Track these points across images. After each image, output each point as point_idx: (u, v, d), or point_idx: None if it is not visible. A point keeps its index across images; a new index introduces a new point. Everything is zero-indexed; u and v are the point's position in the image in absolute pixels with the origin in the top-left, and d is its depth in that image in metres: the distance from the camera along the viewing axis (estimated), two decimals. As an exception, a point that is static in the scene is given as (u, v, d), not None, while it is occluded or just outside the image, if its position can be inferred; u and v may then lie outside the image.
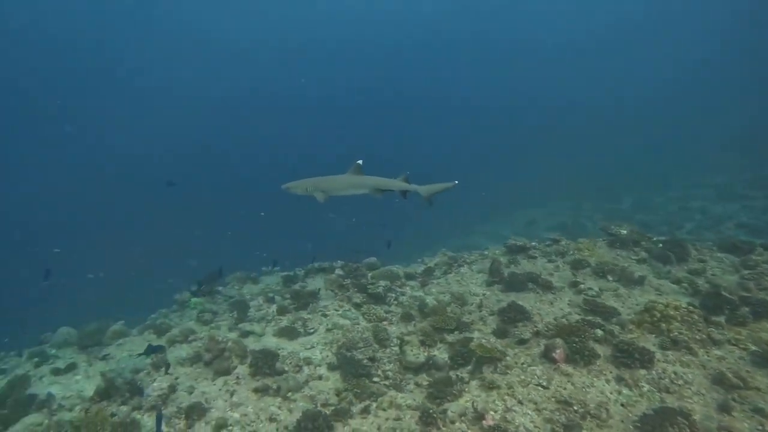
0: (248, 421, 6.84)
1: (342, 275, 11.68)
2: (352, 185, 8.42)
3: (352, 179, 8.40)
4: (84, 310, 14.23)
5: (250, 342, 9.06)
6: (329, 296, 10.83)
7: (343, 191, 8.45)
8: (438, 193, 8.82)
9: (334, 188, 8.37)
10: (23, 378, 8.96)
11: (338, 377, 7.87)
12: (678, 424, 5.65)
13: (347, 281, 11.03)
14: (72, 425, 7.07)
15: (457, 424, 6.43)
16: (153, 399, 7.63)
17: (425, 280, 11.33)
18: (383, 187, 8.48)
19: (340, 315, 9.78)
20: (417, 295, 10.34)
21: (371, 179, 8.44)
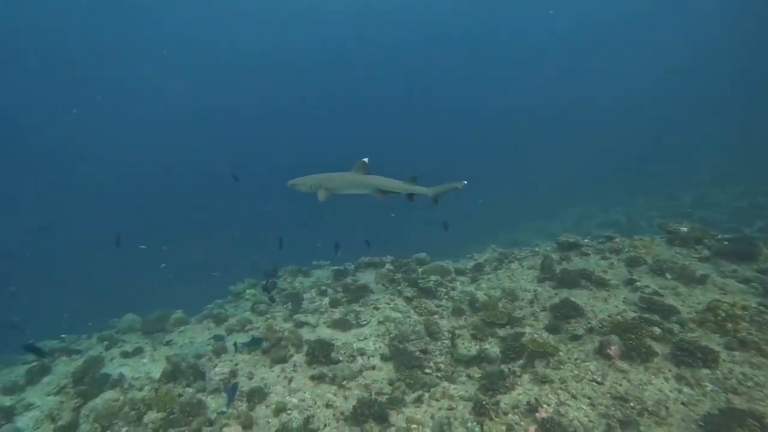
0: (306, 406, 7.13)
1: (392, 270, 11.87)
2: (356, 184, 8.10)
3: (356, 178, 8.06)
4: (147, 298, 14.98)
5: (305, 332, 9.39)
6: (380, 290, 11.05)
7: (346, 190, 8.16)
8: (445, 193, 8.42)
9: (337, 186, 8.09)
10: (97, 359, 9.66)
11: (391, 368, 8.05)
12: (748, 426, 5.49)
13: (398, 275, 11.21)
14: (144, 403, 7.62)
15: (510, 415, 6.49)
16: (215, 383, 8.08)
17: (475, 275, 11.35)
18: (386, 188, 8.08)
19: (391, 308, 9.98)
20: (467, 290, 10.38)
21: (375, 179, 8.07)
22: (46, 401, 8.75)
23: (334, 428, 6.70)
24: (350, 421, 6.73)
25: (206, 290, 14.35)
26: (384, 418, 6.62)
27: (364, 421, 6.59)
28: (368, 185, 8.02)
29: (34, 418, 8.15)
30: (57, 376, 9.75)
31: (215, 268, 19.55)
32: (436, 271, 11.18)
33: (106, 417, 7.37)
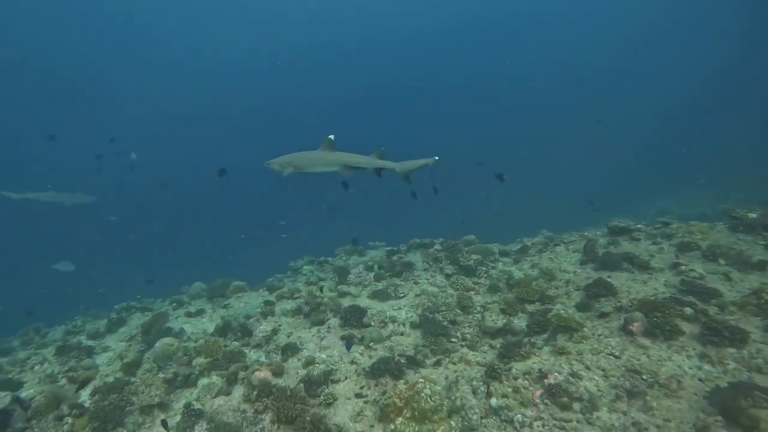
0: (332, 362, 7.79)
1: (439, 249, 12.25)
2: (324, 162, 8.12)
3: (324, 155, 8.09)
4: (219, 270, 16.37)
5: (345, 301, 10.07)
6: (424, 267, 11.49)
7: (315, 167, 8.20)
8: (415, 170, 8.27)
9: (306, 164, 8.18)
10: (163, 314, 11.10)
11: (419, 335, 8.51)
12: (754, 398, 5.37)
13: (442, 254, 11.58)
14: (195, 350, 8.71)
15: (519, 380, 6.72)
16: (258, 339, 8.98)
17: (519, 257, 11.43)
18: (354, 164, 8.06)
19: (430, 283, 10.40)
20: (507, 270, 10.52)
21: (343, 155, 8.07)
22: (119, 345, 10.25)
23: (353, 380, 7.30)
24: (369, 375, 7.29)
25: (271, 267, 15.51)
26: (400, 375, 7.11)
27: (380, 375, 7.13)
28: (336, 162, 8.05)
29: (108, 357, 9.60)
30: (130, 327, 11.36)
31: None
32: (479, 251, 11.40)
33: (162, 358, 8.53)
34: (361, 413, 6.52)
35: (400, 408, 6.22)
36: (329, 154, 7.99)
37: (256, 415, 6.62)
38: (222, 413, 6.65)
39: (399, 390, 6.42)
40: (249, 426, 6.45)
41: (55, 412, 7.46)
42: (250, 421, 6.53)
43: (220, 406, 6.79)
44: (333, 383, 7.26)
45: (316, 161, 8.08)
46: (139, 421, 7.09)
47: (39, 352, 10.71)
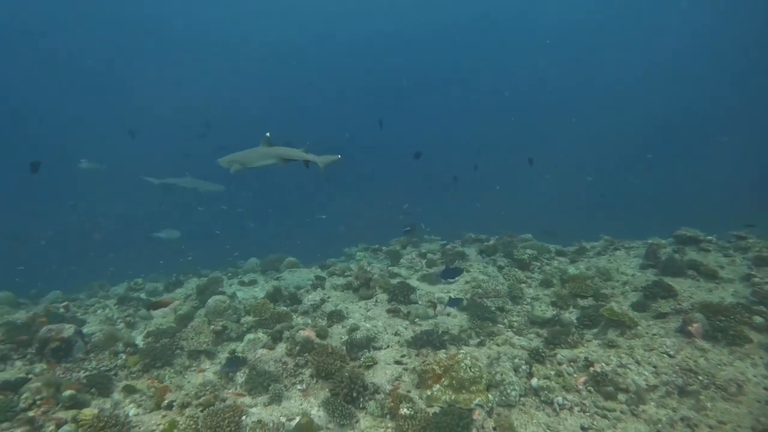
0: (376, 331, 7.87)
1: (494, 244, 12.10)
2: (263, 156, 8.70)
3: (263, 150, 8.69)
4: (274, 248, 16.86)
5: (395, 281, 10.15)
6: (477, 259, 11.38)
7: (257, 162, 8.77)
8: (329, 164, 8.82)
9: (249, 160, 8.78)
10: (218, 279, 11.67)
11: (465, 318, 8.44)
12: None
13: (499, 247, 11.45)
14: (244, 309, 9.07)
15: (564, 366, 6.53)
16: (306, 306, 9.22)
17: (575, 257, 11.08)
18: (288, 156, 8.66)
19: (481, 272, 10.29)
20: (562, 267, 10.24)
21: (278, 149, 8.68)
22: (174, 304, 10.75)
23: (395, 349, 7.35)
24: (411, 345, 7.33)
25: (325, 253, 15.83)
26: (441, 348, 7.09)
27: (422, 346, 7.14)
28: (273, 155, 8.63)
29: (162, 311, 10.08)
30: (186, 289, 11.94)
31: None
32: (534, 247, 11.16)
33: (213, 313, 8.94)
34: (399, 378, 6.55)
35: (438, 375, 6.21)
36: (267, 149, 8.61)
37: (297, 368, 6.81)
38: (264, 362, 6.89)
39: (439, 358, 6.41)
40: (289, 377, 6.65)
41: (111, 348, 8.00)
42: (291, 372, 6.72)
43: (263, 355, 7.04)
44: (374, 349, 7.34)
45: (256, 157, 8.71)
46: (186, 364, 7.46)
47: (102, 301, 11.52)
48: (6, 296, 11.92)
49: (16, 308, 11.44)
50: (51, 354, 7.75)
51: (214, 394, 6.34)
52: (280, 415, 5.90)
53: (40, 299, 12.72)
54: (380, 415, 5.77)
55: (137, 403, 6.56)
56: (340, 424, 5.63)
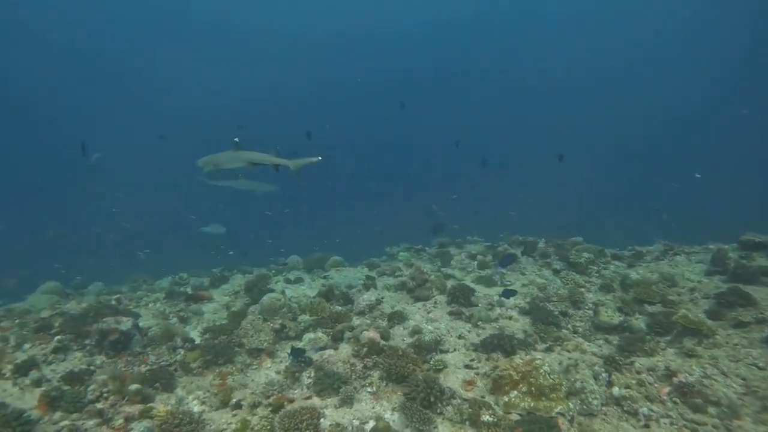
0: (440, 334, 7.68)
1: (544, 247, 11.81)
2: (233, 159, 8.89)
3: (233, 154, 8.88)
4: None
5: (450, 282, 9.94)
6: (529, 261, 11.11)
7: (228, 164, 8.98)
8: (305, 167, 9.03)
9: (221, 162, 9.00)
10: (266, 276, 11.60)
11: (528, 321, 8.20)
12: None
13: (550, 250, 11.16)
14: (299, 308, 8.95)
15: (643, 375, 6.27)
16: (362, 306, 9.06)
17: (633, 262, 10.73)
18: (256, 161, 8.85)
19: (537, 275, 10.03)
20: (622, 272, 9.92)
21: (247, 153, 8.85)
22: (223, 299, 10.70)
23: (462, 353, 7.15)
24: (479, 349, 7.11)
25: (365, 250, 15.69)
26: (510, 353, 6.87)
27: (492, 350, 6.92)
28: (242, 159, 8.82)
29: (213, 308, 10.05)
30: (232, 285, 11.90)
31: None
32: (590, 251, 10.84)
33: (268, 311, 8.81)
34: (471, 382, 6.35)
35: (515, 381, 6.00)
36: (237, 153, 8.85)
37: (365, 370, 6.65)
38: (332, 363, 6.74)
39: (515, 363, 6.19)
40: (358, 379, 6.49)
41: (169, 343, 7.94)
42: (359, 374, 6.56)
43: (330, 356, 6.89)
44: (441, 353, 7.15)
45: (227, 160, 8.96)
46: (247, 362, 7.35)
47: (150, 294, 11.52)
48: (54, 286, 12.00)
49: (65, 298, 11.50)
50: (110, 346, 7.74)
51: (283, 394, 6.22)
52: (353, 419, 5.75)
53: (83, 290, 12.82)
54: (459, 421, 5.57)
55: (201, 400, 6.48)
56: (417, 429, 5.45)
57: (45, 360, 7.49)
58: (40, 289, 11.81)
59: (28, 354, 7.63)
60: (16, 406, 6.13)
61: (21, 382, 6.82)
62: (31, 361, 7.25)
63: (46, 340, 8.00)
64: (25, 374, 6.96)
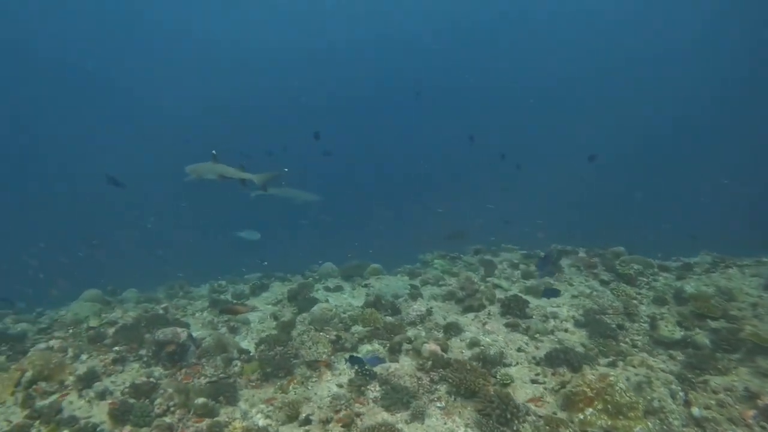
0: (498, 347, 7.58)
1: (585, 257, 11.65)
2: (208, 171, 9.34)
3: (210, 166, 9.34)
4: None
5: (498, 292, 9.83)
6: (573, 272, 10.96)
7: (206, 175, 9.41)
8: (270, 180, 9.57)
9: (201, 173, 9.43)
10: (308, 284, 11.54)
11: (584, 334, 8.08)
12: None
13: (595, 260, 11.01)
14: (350, 318, 8.89)
15: (720, 395, 6.14)
16: (413, 317, 8.98)
17: (682, 273, 10.53)
18: (225, 174, 9.28)
19: (586, 286, 9.88)
20: (673, 284, 9.74)
21: (219, 167, 9.30)
22: (266, 307, 10.63)
23: (525, 366, 7.05)
24: (543, 362, 7.00)
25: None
26: (577, 368, 6.75)
27: (558, 365, 6.81)
28: (214, 172, 9.28)
29: (258, 317, 9.98)
30: (273, 293, 11.80)
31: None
32: (638, 261, 10.67)
33: (319, 321, 8.76)
34: (542, 398, 6.25)
35: (590, 398, 5.87)
36: (213, 166, 9.33)
37: (432, 384, 6.57)
38: (399, 377, 6.66)
39: (588, 380, 6.06)
40: (426, 393, 6.41)
41: (224, 354, 7.90)
42: (426, 388, 6.48)
43: (396, 370, 6.81)
44: (504, 366, 7.05)
45: (204, 171, 9.43)
46: (307, 374, 7.28)
47: (192, 302, 11.51)
48: (95, 294, 12.03)
49: (107, 306, 11.53)
50: (167, 358, 7.72)
51: (351, 410, 6.15)
52: (427, 435, 5.67)
53: (118, 297, 12.87)
54: (538, 440, 5.47)
55: (265, 414, 6.41)
56: (495, 447, 5.36)
57: (105, 371, 7.49)
58: (82, 297, 11.85)
59: (87, 365, 7.65)
60: (89, 420, 6.15)
61: (86, 394, 6.83)
62: (92, 373, 7.27)
63: (105, 350, 8.03)
64: (89, 386, 6.97)
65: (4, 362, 7.99)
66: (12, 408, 6.61)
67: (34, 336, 9.42)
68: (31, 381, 7.01)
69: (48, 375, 7.17)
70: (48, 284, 14.49)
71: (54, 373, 7.25)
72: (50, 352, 7.89)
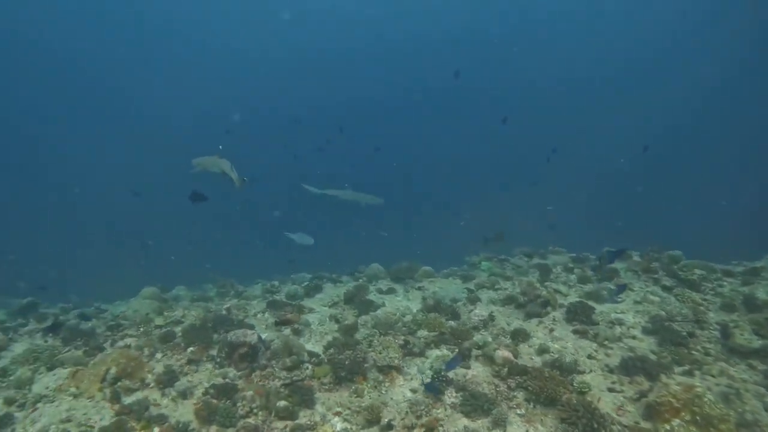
0: (567, 353, 7.55)
1: (641, 260, 11.48)
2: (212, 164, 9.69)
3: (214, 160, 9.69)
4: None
5: (558, 297, 9.77)
6: (631, 276, 10.83)
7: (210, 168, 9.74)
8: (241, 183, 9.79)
9: (207, 166, 9.76)
10: (364, 286, 11.68)
11: (653, 341, 7.97)
12: None
13: (654, 265, 10.84)
14: (414, 322, 8.96)
15: (811, 407, 5.97)
16: (475, 322, 8.99)
17: (749, 279, 10.28)
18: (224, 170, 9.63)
19: (648, 292, 9.74)
20: (741, 290, 9.53)
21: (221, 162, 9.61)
22: (323, 309, 10.73)
23: (599, 374, 7.00)
24: (617, 371, 6.95)
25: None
26: (654, 377, 6.68)
27: (635, 373, 6.75)
28: (218, 166, 9.63)
29: (317, 318, 10.09)
30: (328, 294, 11.91)
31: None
32: (699, 266, 10.47)
33: (384, 325, 8.86)
34: (622, 407, 6.21)
35: (676, 409, 5.80)
36: (217, 160, 9.67)
37: (509, 391, 6.59)
38: (476, 383, 6.70)
39: (674, 390, 6.00)
40: (504, 400, 6.43)
41: (293, 357, 8.02)
42: (505, 395, 6.51)
43: (474, 377, 6.85)
44: (578, 373, 7.02)
45: (210, 164, 9.76)
46: (380, 379, 7.36)
47: (249, 302, 11.70)
48: (153, 292, 12.38)
49: (164, 303, 11.83)
50: (239, 359, 7.90)
51: (432, 416, 6.21)
52: (510, 442, 5.69)
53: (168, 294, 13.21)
54: (627, 451, 5.45)
55: (343, 418, 6.52)
56: (584, 457, 5.35)
57: (181, 371, 7.71)
58: (141, 294, 12.22)
59: (163, 363, 7.89)
60: (178, 419, 6.35)
61: (168, 393, 7.05)
62: (170, 372, 7.50)
63: (179, 350, 8.26)
64: (170, 384, 7.20)
65: (82, 357, 8.33)
66: (101, 403, 6.86)
67: (104, 332, 9.73)
68: (115, 378, 7.27)
69: (130, 372, 7.43)
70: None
71: (135, 370, 7.52)
72: (129, 350, 8.17)
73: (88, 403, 6.95)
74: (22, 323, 10.74)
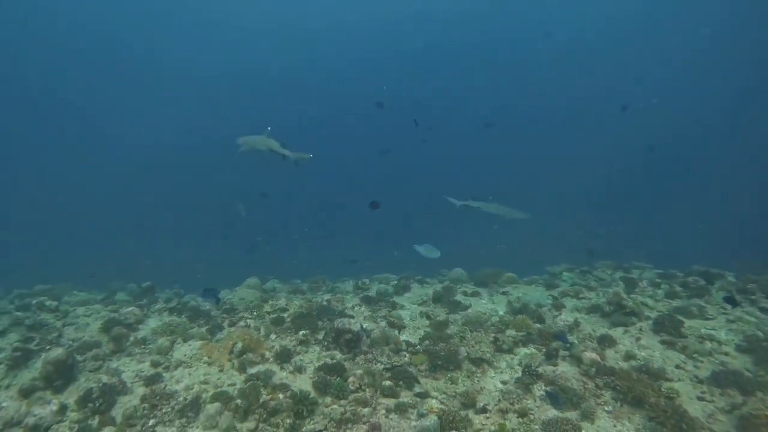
0: (653, 361, 7.82)
1: (735, 282, 11.30)
2: (259, 143, 10.53)
3: (260, 139, 10.53)
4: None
5: (644, 309, 9.95)
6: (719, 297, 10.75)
7: (258, 146, 10.59)
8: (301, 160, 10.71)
9: (254, 144, 10.62)
10: (451, 288, 12.37)
11: (748, 360, 8.01)
12: None
13: (750, 286, 10.72)
14: (501, 322, 9.53)
15: None
16: (560, 326, 9.41)
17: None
18: (272, 148, 10.40)
19: (744, 312, 9.69)
20: None
21: (270, 142, 10.43)
22: (413, 307, 11.46)
23: (688, 383, 7.24)
24: (707, 382, 7.17)
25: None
26: (749, 392, 6.83)
27: (727, 386, 6.95)
28: (265, 144, 10.43)
29: (409, 314, 10.84)
30: (416, 294, 12.66)
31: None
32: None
33: (473, 323, 9.52)
34: (713, 416, 6.46)
35: (770, 422, 6.01)
36: (264, 139, 10.51)
37: (597, 389, 7.02)
38: (566, 379, 7.19)
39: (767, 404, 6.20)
40: (592, 396, 6.88)
41: (392, 345, 8.82)
42: (593, 392, 6.95)
43: (564, 373, 7.35)
44: (666, 381, 7.30)
45: (256, 142, 10.63)
46: (472, 369, 8.01)
47: (345, 296, 12.66)
48: (255, 282, 13.67)
49: (265, 293, 13.06)
50: (344, 344, 8.82)
51: (523, 404, 6.78)
52: (600, 434, 6.15)
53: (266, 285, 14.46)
54: (716, 453, 5.75)
55: (439, 401, 7.20)
56: (672, 454, 5.71)
57: (294, 350, 8.76)
58: (246, 284, 13.56)
59: (278, 343, 8.99)
60: (299, 388, 7.35)
61: (286, 368, 8.11)
62: (285, 350, 8.57)
63: (291, 333, 9.36)
64: (287, 361, 8.27)
65: (205, 333, 9.62)
66: (231, 372, 8.04)
67: (220, 314, 11.04)
68: (241, 351, 8.44)
69: (253, 348, 8.58)
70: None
71: (256, 347, 8.66)
72: (249, 330, 9.37)
73: (219, 370, 8.16)
74: (152, 301, 12.40)
